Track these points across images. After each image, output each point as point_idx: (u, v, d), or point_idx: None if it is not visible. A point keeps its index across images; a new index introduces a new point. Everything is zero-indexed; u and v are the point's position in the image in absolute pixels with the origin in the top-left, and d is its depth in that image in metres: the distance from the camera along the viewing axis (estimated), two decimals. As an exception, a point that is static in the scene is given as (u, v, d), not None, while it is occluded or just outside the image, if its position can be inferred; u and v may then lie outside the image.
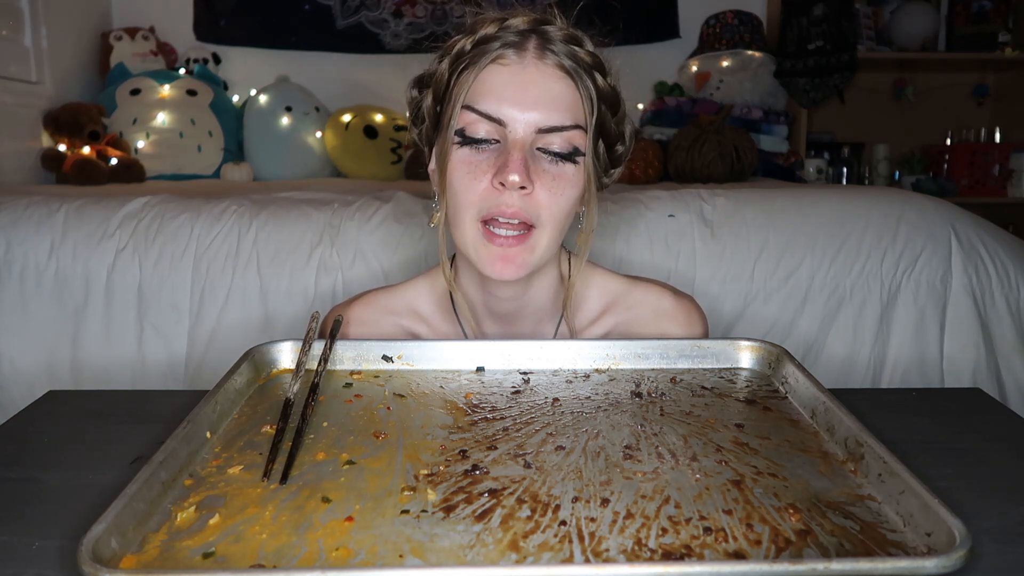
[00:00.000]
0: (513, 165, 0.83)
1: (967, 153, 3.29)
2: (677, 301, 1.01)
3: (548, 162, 0.87)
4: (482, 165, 0.86)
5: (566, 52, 0.87)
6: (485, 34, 0.88)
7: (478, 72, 0.87)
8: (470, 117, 0.87)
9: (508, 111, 0.85)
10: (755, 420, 0.73)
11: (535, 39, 0.87)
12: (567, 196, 0.87)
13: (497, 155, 0.86)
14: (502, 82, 0.86)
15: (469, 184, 0.86)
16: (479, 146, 0.87)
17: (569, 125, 0.86)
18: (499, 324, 0.99)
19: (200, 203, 1.55)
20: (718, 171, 2.26)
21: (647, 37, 3.11)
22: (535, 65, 0.86)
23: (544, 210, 0.86)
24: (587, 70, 0.88)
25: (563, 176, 0.87)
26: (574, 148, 0.87)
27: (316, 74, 2.96)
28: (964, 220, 1.57)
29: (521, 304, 0.97)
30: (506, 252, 0.86)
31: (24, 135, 2.46)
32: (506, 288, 0.94)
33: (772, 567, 0.48)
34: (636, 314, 1.01)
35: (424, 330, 1.02)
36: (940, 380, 1.50)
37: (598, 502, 0.58)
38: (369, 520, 0.55)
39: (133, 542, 0.53)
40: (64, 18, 2.65)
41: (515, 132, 0.85)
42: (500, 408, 0.75)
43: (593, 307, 1.01)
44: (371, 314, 1.02)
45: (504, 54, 0.87)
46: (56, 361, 1.45)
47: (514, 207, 0.85)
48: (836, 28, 2.88)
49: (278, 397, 0.79)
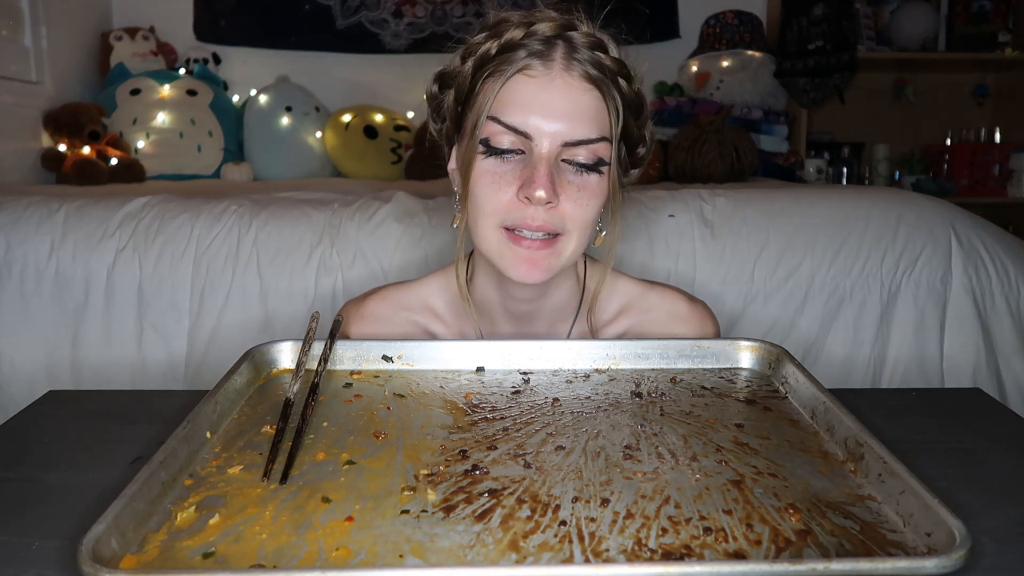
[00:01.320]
0: (539, 180, 0.83)
1: (967, 153, 3.29)
2: (691, 306, 1.02)
3: (573, 173, 0.86)
4: (507, 176, 0.86)
5: (592, 60, 0.86)
6: (510, 39, 0.87)
7: (504, 82, 0.86)
8: (495, 128, 0.86)
9: (535, 124, 0.84)
10: (755, 420, 0.73)
11: (562, 47, 0.86)
12: (592, 206, 0.87)
13: (522, 167, 0.85)
14: (529, 94, 0.85)
15: (493, 195, 0.86)
16: (504, 156, 0.86)
17: (595, 138, 0.86)
18: (515, 324, 0.99)
19: (200, 203, 1.55)
20: (718, 171, 2.26)
21: (647, 37, 3.11)
22: (562, 77, 0.85)
23: (569, 220, 0.86)
24: (612, 78, 0.87)
25: (588, 187, 0.87)
26: (599, 159, 0.87)
27: (316, 74, 2.96)
28: (964, 220, 1.57)
29: (538, 305, 0.97)
30: (532, 255, 0.86)
31: (24, 135, 2.46)
32: (525, 290, 0.94)
33: (772, 567, 0.48)
34: (650, 317, 1.01)
35: (439, 327, 1.02)
36: (940, 380, 1.50)
37: (598, 502, 0.58)
38: (369, 520, 0.55)
39: (133, 542, 0.53)
40: (64, 18, 2.65)
41: (541, 145, 0.85)
42: (500, 408, 0.75)
43: (609, 309, 1.02)
44: (385, 309, 1.02)
45: (531, 64, 0.85)
46: (56, 361, 1.45)
47: (539, 220, 0.85)
48: (836, 28, 2.89)
49: (278, 397, 0.79)
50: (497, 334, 1.00)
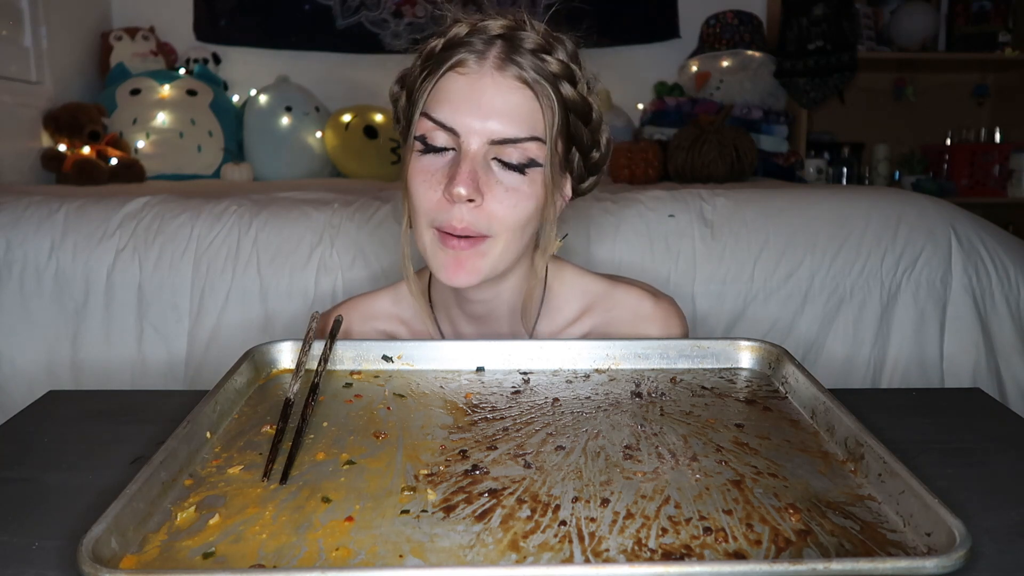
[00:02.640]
0: (460, 178, 0.82)
1: (967, 153, 3.29)
2: (656, 304, 1.01)
3: (502, 173, 0.85)
4: (437, 175, 0.85)
5: (531, 63, 0.85)
6: (454, 37, 0.86)
7: (437, 79, 0.86)
8: (427, 125, 0.86)
9: (462, 121, 0.84)
10: (755, 420, 0.73)
11: (500, 47, 0.85)
12: (521, 207, 0.86)
13: (452, 165, 0.85)
14: (457, 90, 0.85)
15: (424, 193, 0.86)
16: (437, 154, 0.86)
17: (524, 137, 0.84)
18: (474, 325, 0.99)
19: (200, 203, 1.55)
20: (718, 171, 2.26)
21: (647, 37, 3.11)
22: (492, 75, 0.84)
23: (496, 222, 0.85)
24: (551, 80, 0.86)
25: (517, 189, 0.85)
26: (529, 160, 0.85)
27: (316, 74, 2.96)
28: (964, 220, 1.57)
29: (492, 307, 0.96)
30: (458, 256, 0.85)
31: (24, 135, 2.46)
32: (470, 291, 0.93)
33: (772, 567, 0.48)
34: (615, 316, 1.00)
35: (404, 333, 1.02)
36: (940, 380, 1.50)
37: (598, 502, 0.58)
38: (369, 520, 0.55)
39: (133, 542, 0.53)
40: (64, 18, 2.65)
41: (469, 143, 0.84)
42: (500, 408, 0.75)
43: (572, 308, 1.01)
44: (354, 321, 1.02)
45: (465, 60, 0.85)
46: (56, 361, 1.45)
47: (464, 221, 0.84)
48: (836, 28, 2.89)
49: (278, 397, 0.79)
50: (458, 335, 1.00)
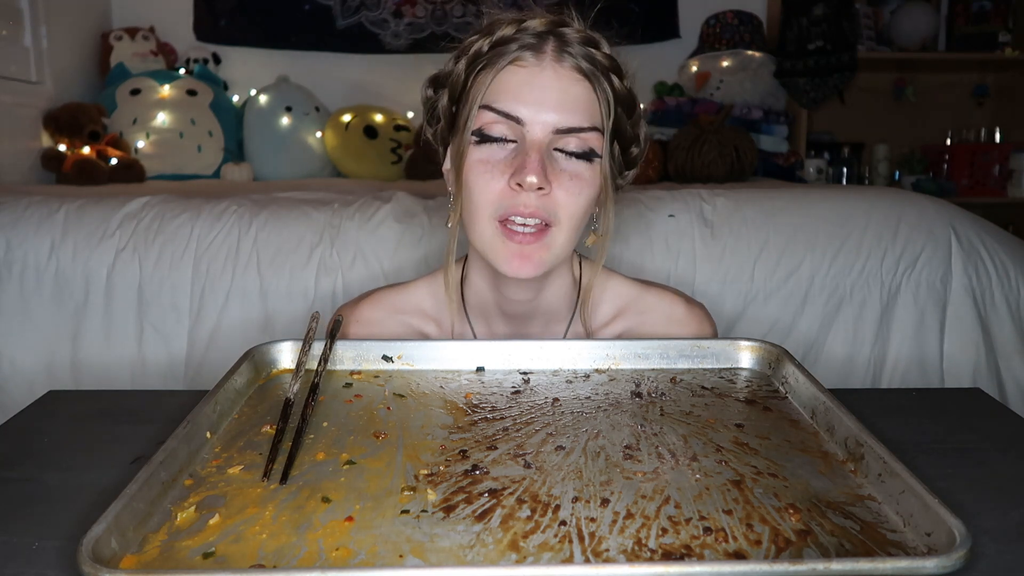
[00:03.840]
0: (531, 166, 0.84)
1: (967, 153, 3.29)
2: (689, 309, 1.02)
3: (565, 162, 0.87)
4: (499, 165, 0.87)
5: (583, 54, 0.87)
6: (503, 35, 0.88)
7: (496, 72, 0.87)
8: (488, 116, 0.87)
9: (526, 110, 0.86)
10: (755, 420, 0.73)
11: (553, 41, 0.88)
12: (584, 196, 0.88)
13: (514, 155, 0.86)
14: (520, 82, 0.86)
15: (487, 184, 0.87)
16: (496, 145, 0.87)
17: (586, 127, 0.87)
18: (510, 325, 0.99)
19: (200, 203, 1.55)
20: (718, 171, 2.27)
21: (647, 37, 3.11)
22: (553, 67, 0.87)
23: (562, 209, 0.87)
24: (604, 72, 0.88)
25: (580, 176, 0.87)
26: (591, 149, 0.88)
27: (316, 74, 2.96)
28: (964, 220, 1.57)
29: (534, 306, 0.97)
30: (523, 249, 0.87)
31: (24, 135, 2.46)
32: (520, 289, 0.94)
33: (772, 567, 0.48)
34: (648, 319, 1.01)
35: (432, 329, 1.02)
36: (940, 380, 1.50)
37: (598, 502, 0.58)
38: (369, 520, 0.55)
39: (133, 542, 0.53)
40: (64, 18, 2.65)
41: (533, 132, 0.86)
42: (500, 408, 0.75)
43: (606, 310, 1.02)
44: (379, 313, 1.02)
45: (522, 56, 0.87)
46: (56, 361, 1.45)
47: (531, 207, 0.85)
48: (836, 28, 2.89)
49: (278, 397, 0.79)
50: (493, 335, 1.00)
